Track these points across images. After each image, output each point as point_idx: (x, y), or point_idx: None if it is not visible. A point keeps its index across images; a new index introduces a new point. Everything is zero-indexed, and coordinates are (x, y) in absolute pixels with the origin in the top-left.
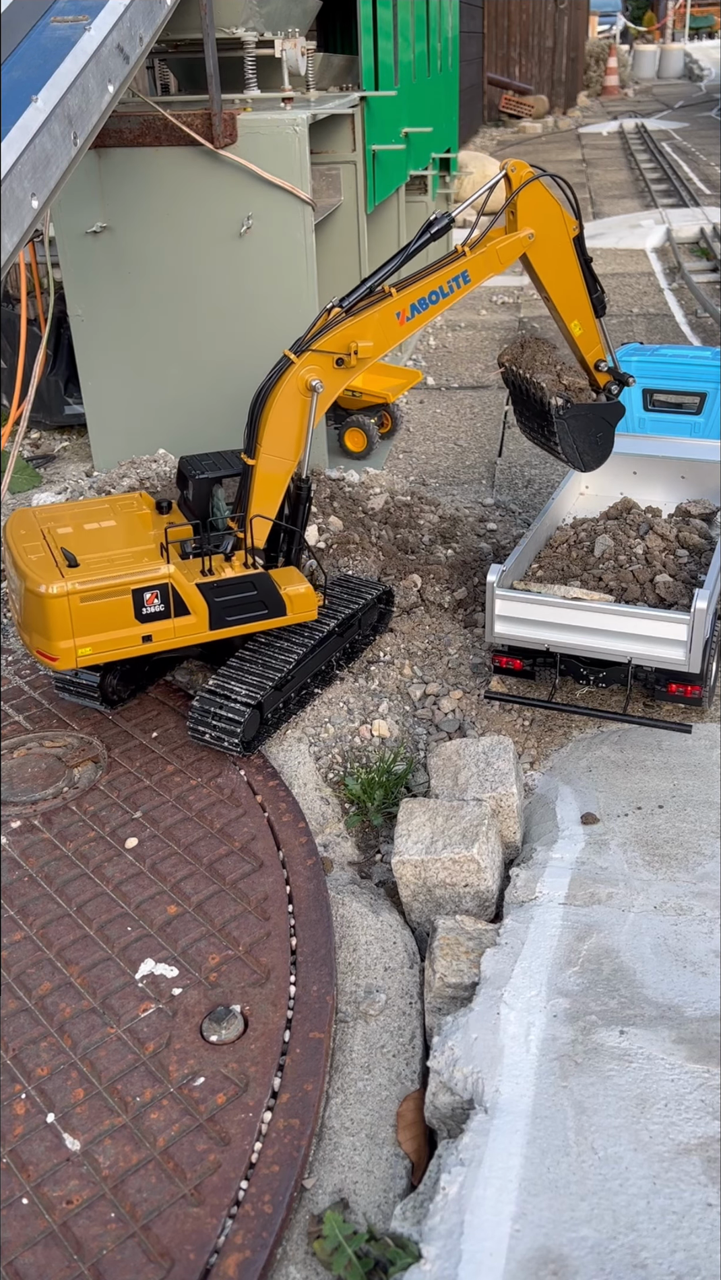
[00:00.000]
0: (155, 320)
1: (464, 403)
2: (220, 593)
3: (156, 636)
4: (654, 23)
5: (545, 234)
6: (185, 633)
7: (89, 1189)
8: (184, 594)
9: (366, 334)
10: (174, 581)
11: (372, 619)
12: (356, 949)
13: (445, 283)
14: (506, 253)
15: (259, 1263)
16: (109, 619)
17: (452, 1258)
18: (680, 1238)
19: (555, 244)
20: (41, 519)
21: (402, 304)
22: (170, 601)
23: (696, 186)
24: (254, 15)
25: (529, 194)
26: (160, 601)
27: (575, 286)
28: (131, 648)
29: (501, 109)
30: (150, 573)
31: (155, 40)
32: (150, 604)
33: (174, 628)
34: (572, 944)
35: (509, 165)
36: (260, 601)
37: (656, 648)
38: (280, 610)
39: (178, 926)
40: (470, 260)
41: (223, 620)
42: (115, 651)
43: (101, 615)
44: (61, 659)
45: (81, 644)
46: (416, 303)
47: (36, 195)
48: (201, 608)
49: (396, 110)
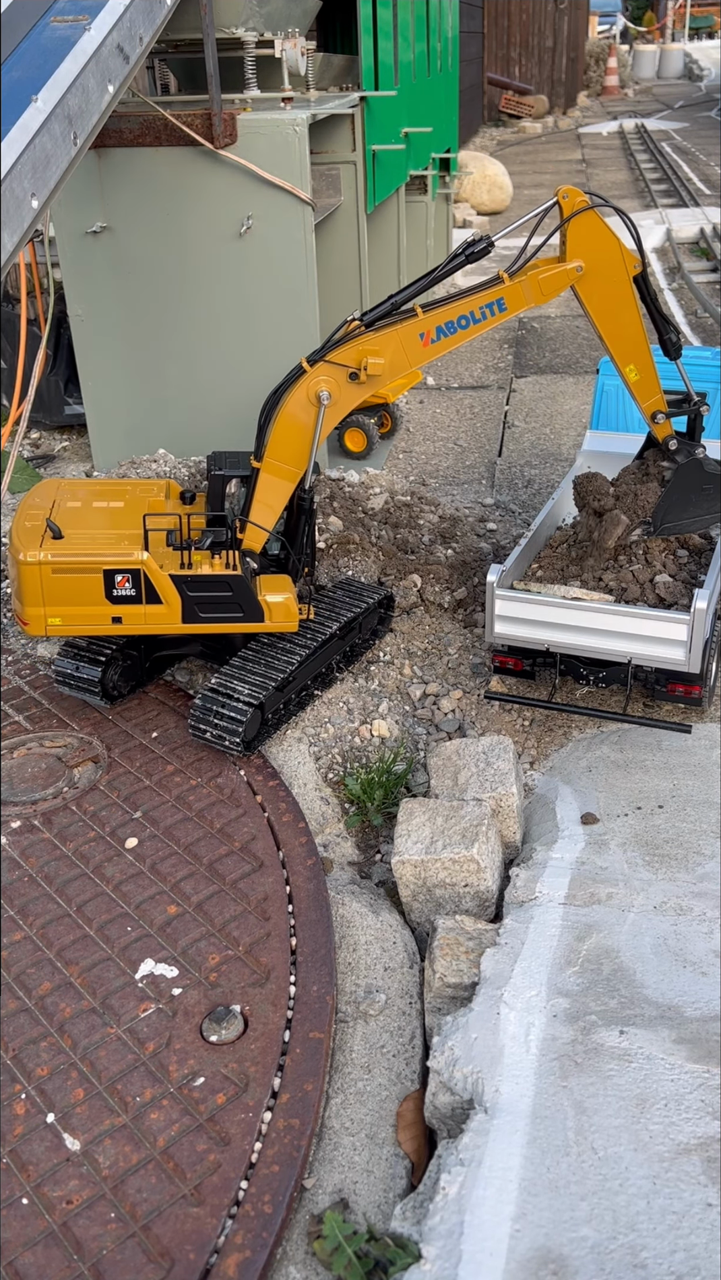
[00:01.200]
0: (155, 320)
1: (464, 403)
2: (194, 587)
3: (126, 619)
4: (654, 23)
5: (597, 268)
6: (156, 620)
7: (89, 1189)
8: (156, 582)
9: (383, 351)
10: (146, 569)
11: (373, 623)
12: (356, 949)
13: (477, 308)
14: (550, 284)
15: (259, 1263)
16: (79, 594)
17: (452, 1258)
18: (680, 1238)
19: (609, 280)
20: (62, 490)
21: (428, 325)
22: (142, 587)
23: (696, 186)
24: (254, 15)
25: (581, 224)
26: (131, 586)
27: (631, 328)
28: (100, 625)
29: (501, 109)
30: (122, 556)
31: (155, 40)
32: (121, 586)
33: (145, 614)
34: (572, 944)
35: (561, 192)
36: (235, 603)
37: (656, 648)
38: (257, 616)
39: (178, 926)
40: (508, 288)
41: (195, 615)
42: (83, 626)
43: (72, 589)
44: (32, 624)
45: (51, 613)
46: (444, 325)
47: (36, 195)
48: (174, 599)
49: (396, 110)
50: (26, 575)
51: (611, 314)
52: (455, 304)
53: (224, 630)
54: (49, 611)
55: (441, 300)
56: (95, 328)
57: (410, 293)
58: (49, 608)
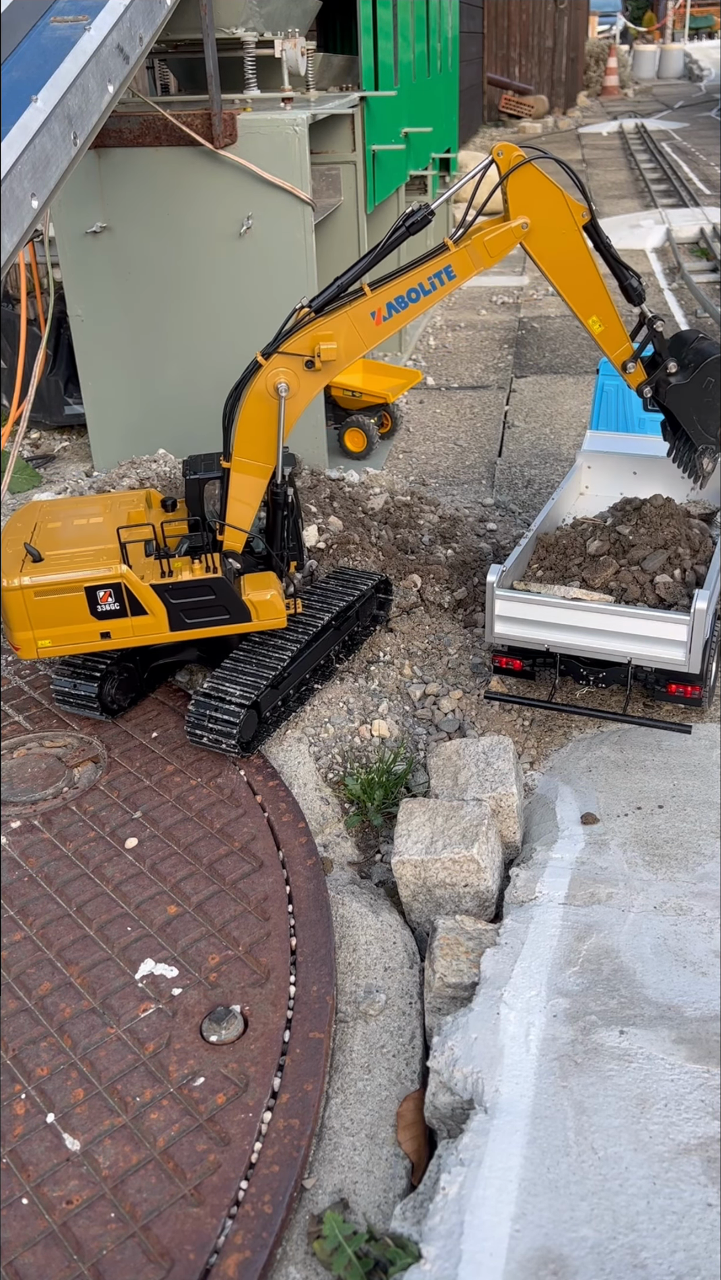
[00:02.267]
0: (155, 320)
1: (464, 403)
2: (177, 595)
3: (115, 634)
4: (654, 23)
5: (543, 223)
6: (144, 632)
7: (89, 1189)
8: (138, 594)
9: (335, 335)
10: (127, 581)
11: (371, 609)
12: (356, 949)
13: (426, 279)
14: (496, 245)
15: (259, 1263)
16: (64, 614)
17: (452, 1258)
18: (680, 1238)
19: (557, 233)
20: (42, 513)
21: (378, 303)
22: (125, 601)
23: (696, 186)
24: (254, 15)
25: (520, 179)
26: (114, 600)
27: (587, 279)
28: (90, 643)
29: (501, 109)
30: (101, 572)
31: (155, 40)
32: (105, 602)
33: (132, 626)
34: (572, 944)
35: (496, 149)
36: (220, 606)
37: (656, 648)
38: (244, 616)
39: (178, 926)
40: (454, 254)
41: (182, 622)
42: (74, 645)
43: (57, 610)
44: (23, 649)
45: (40, 636)
46: (394, 301)
47: (36, 195)
48: (159, 608)
49: (396, 110)
50: (10, 602)
51: (565, 267)
52: (403, 278)
53: (213, 634)
54: (37, 635)
55: (389, 276)
56: (95, 328)
57: (355, 272)
58: (37, 631)
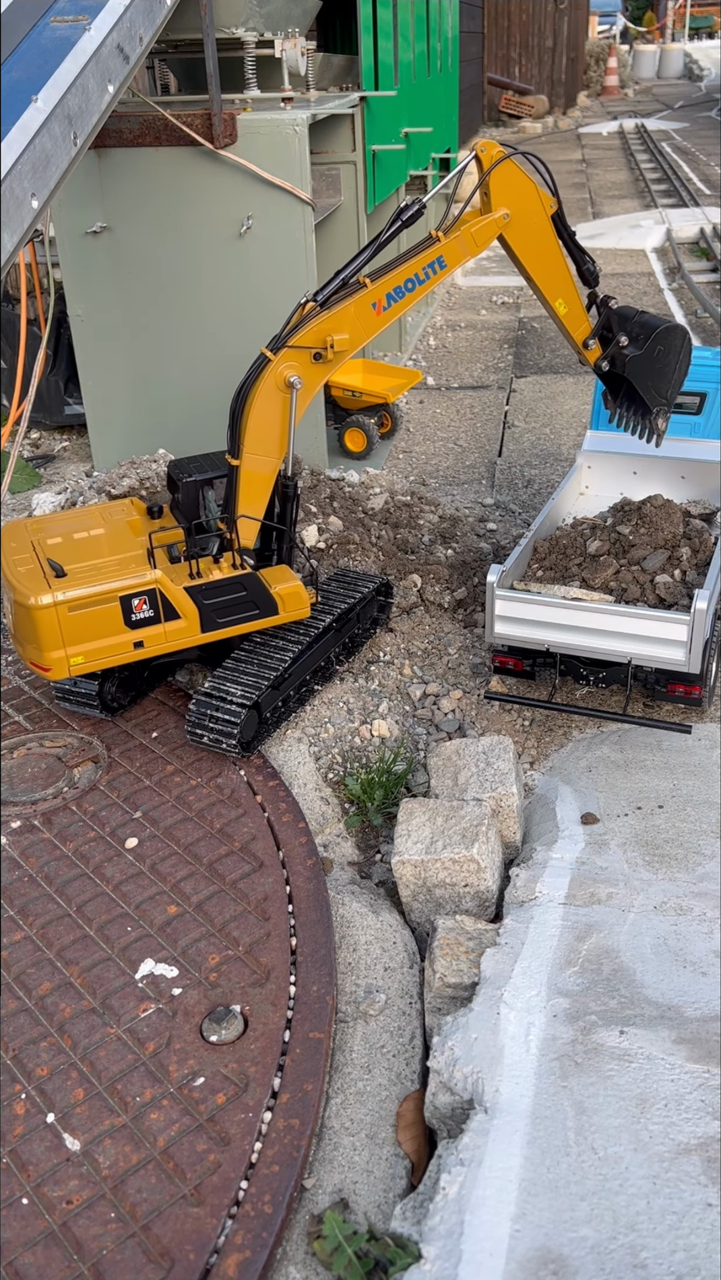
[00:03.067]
0: (155, 320)
1: (464, 403)
2: (209, 595)
3: (148, 642)
4: (654, 23)
5: (521, 213)
6: (177, 637)
7: (89, 1189)
8: (172, 598)
9: (343, 327)
10: (161, 586)
11: (372, 612)
12: (356, 949)
13: (420, 269)
14: (481, 235)
15: (259, 1263)
16: (99, 627)
17: (452, 1258)
18: (680, 1238)
19: (532, 223)
20: (32, 530)
21: (378, 294)
22: (159, 606)
23: (696, 186)
24: (254, 15)
25: (501, 173)
26: (149, 607)
27: (556, 265)
28: (124, 654)
29: (501, 109)
30: (136, 579)
31: (155, 40)
32: (139, 610)
33: (165, 632)
34: (572, 944)
35: (478, 145)
36: (251, 602)
37: (656, 648)
38: (272, 610)
39: (178, 926)
40: (444, 245)
41: (214, 623)
42: (108, 659)
43: (91, 624)
44: (55, 669)
45: (73, 653)
46: (392, 291)
47: (36, 195)
48: (191, 611)
49: (396, 110)
50: (42, 620)
51: (537, 254)
52: (399, 269)
53: (242, 631)
54: (70, 652)
55: (386, 268)
56: (95, 328)
57: (356, 265)
58: (70, 648)
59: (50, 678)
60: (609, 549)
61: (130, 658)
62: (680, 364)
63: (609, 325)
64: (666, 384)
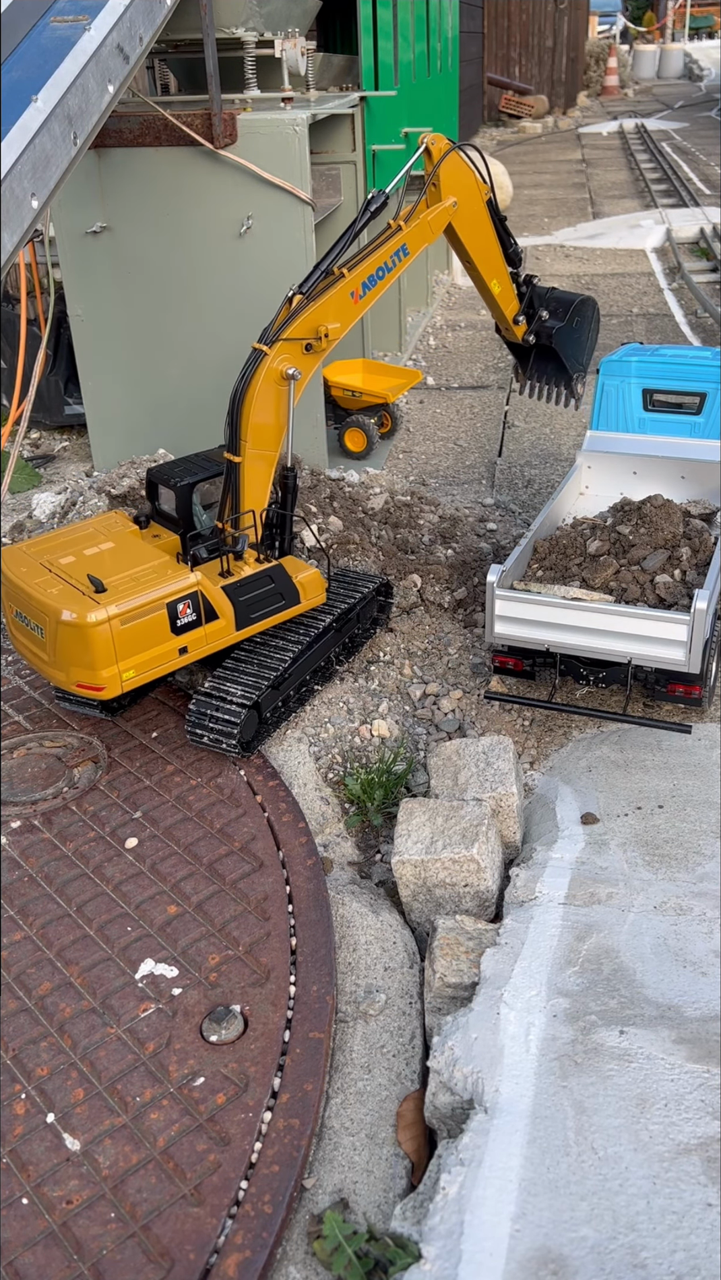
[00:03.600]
0: (155, 320)
1: (464, 403)
2: (242, 591)
3: (191, 646)
4: (654, 23)
5: (465, 201)
6: (215, 637)
7: (89, 1189)
8: (212, 599)
9: (329, 316)
10: (202, 588)
11: (372, 612)
12: (356, 949)
13: (388, 258)
14: (436, 222)
15: (259, 1263)
16: (147, 637)
17: (452, 1258)
18: (680, 1238)
19: (474, 209)
20: (35, 553)
21: (355, 283)
22: (201, 609)
23: (696, 186)
24: (254, 15)
25: (449, 165)
26: (192, 610)
27: (492, 248)
28: (170, 662)
29: (501, 109)
30: (180, 583)
31: (155, 40)
32: (184, 614)
33: (205, 634)
34: (572, 944)
35: (428, 140)
36: (279, 593)
37: (656, 648)
38: (295, 599)
39: (178, 926)
40: (406, 234)
41: (247, 619)
42: (156, 669)
43: (141, 635)
44: (109, 686)
45: (125, 668)
46: (367, 280)
47: (36, 195)
48: (228, 609)
49: (396, 110)
50: (96, 637)
51: (478, 238)
52: (370, 259)
53: (270, 624)
54: (122, 667)
55: (358, 258)
56: (95, 328)
57: (334, 255)
58: (122, 663)
59: (103, 697)
60: (609, 549)
61: (176, 664)
62: (593, 333)
63: (531, 303)
64: (583, 351)
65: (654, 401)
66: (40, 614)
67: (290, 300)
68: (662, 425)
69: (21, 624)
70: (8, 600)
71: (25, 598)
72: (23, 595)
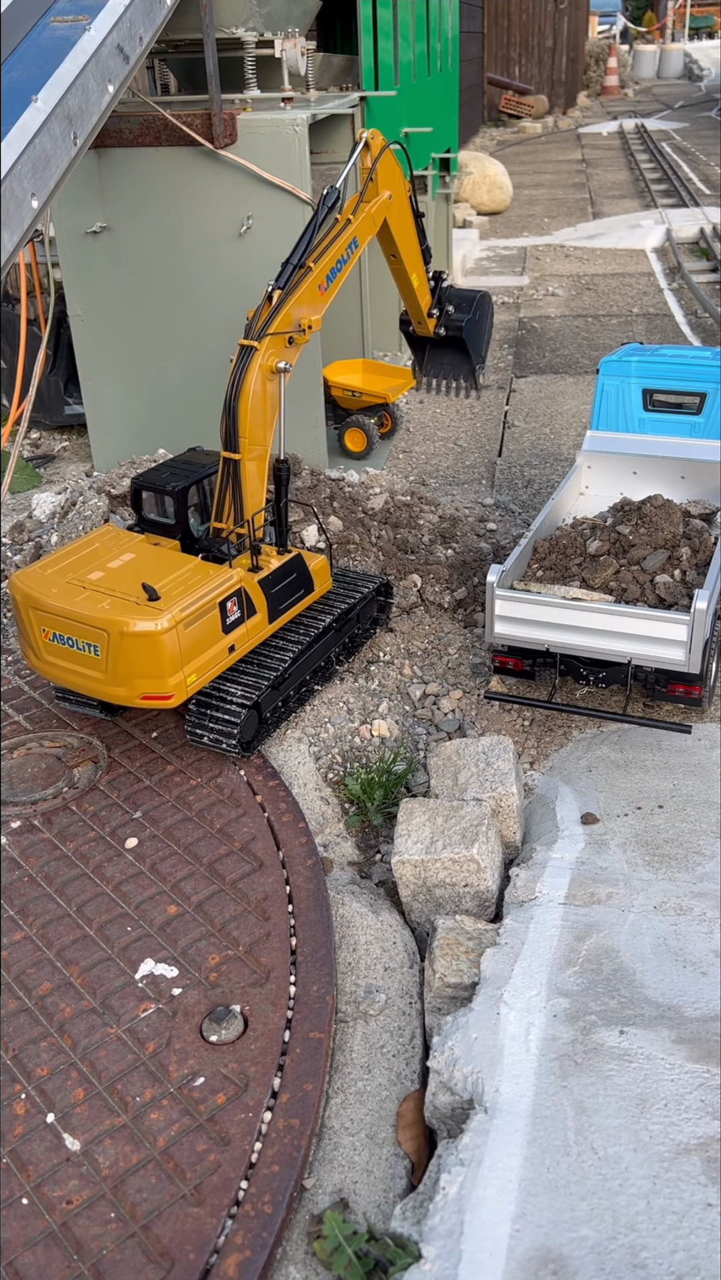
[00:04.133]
0: (155, 320)
1: (464, 403)
2: (272, 584)
3: (237, 644)
4: (654, 23)
5: (397, 196)
6: (254, 632)
7: (89, 1189)
8: (252, 593)
9: (304, 308)
10: (245, 584)
11: (372, 612)
12: (356, 949)
13: (344, 249)
14: (377, 215)
15: (259, 1263)
16: (204, 639)
17: (452, 1258)
18: (680, 1238)
19: (403, 205)
20: (56, 574)
21: (320, 276)
22: (244, 605)
23: (696, 186)
24: (254, 15)
25: (385, 161)
26: (238, 607)
27: (414, 241)
28: (222, 662)
29: (501, 109)
30: (227, 581)
31: (155, 40)
32: (231, 612)
33: (247, 631)
34: (572, 944)
35: (368, 135)
36: (300, 583)
37: (656, 648)
38: (311, 587)
39: (178, 926)
40: (355, 227)
41: (277, 610)
42: (211, 670)
43: (198, 638)
44: (177, 693)
45: (188, 672)
46: (329, 272)
47: (36, 195)
48: (263, 603)
49: (396, 110)
50: (165, 644)
51: (405, 232)
52: (329, 253)
53: (292, 615)
54: (186, 671)
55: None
56: (95, 328)
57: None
58: (186, 666)
59: (171, 705)
60: (609, 549)
61: (227, 664)
62: (490, 326)
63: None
64: (483, 344)
65: (654, 401)
66: (94, 632)
67: (270, 297)
68: (662, 425)
69: (63, 647)
70: (37, 626)
71: (70, 618)
72: (65, 616)
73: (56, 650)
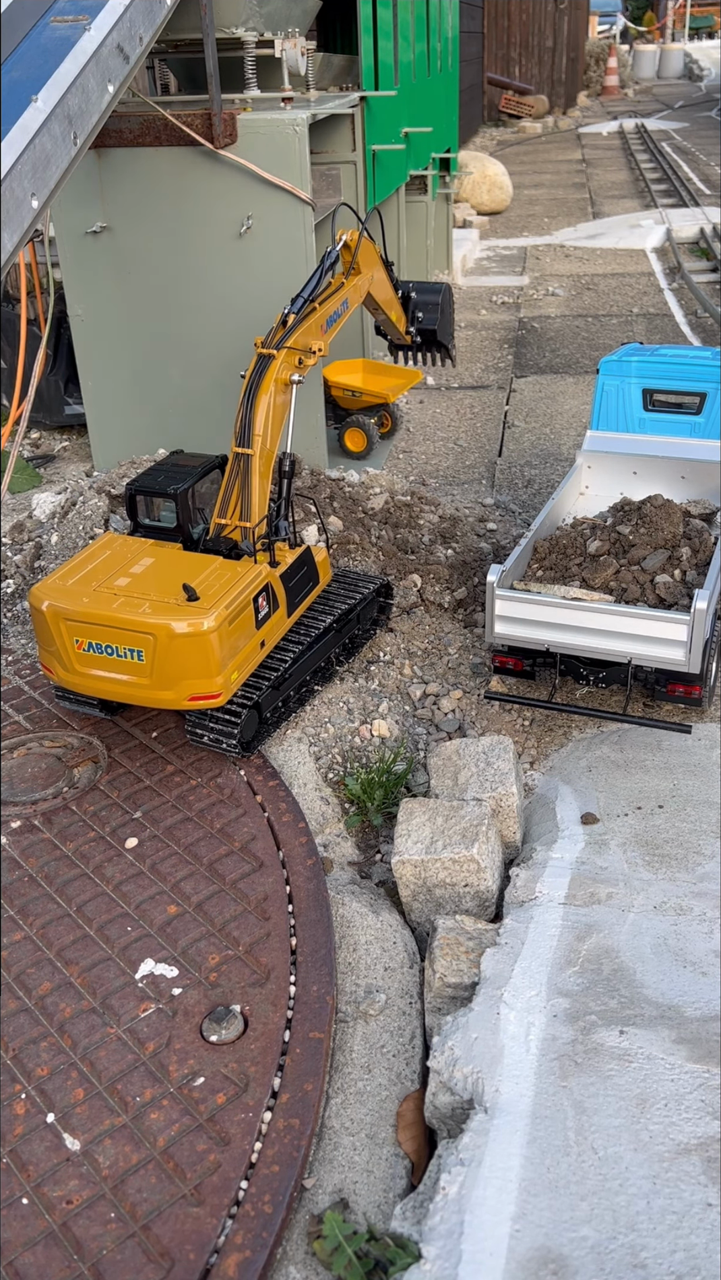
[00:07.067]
0: (155, 320)
1: (464, 403)
2: (289, 578)
3: (267, 639)
4: (654, 23)
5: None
6: (278, 626)
7: (89, 1189)
8: (276, 588)
9: (311, 337)
10: (271, 579)
11: (372, 612)
12: (356, 949)
13: (339, 304)
14: (361, 288)
15: (259, 1263)
16: (240, 636)
17: (452, 1258)
18: (680, 1238)
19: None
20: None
21: (322, 318)
22: (271, 600)
23: (696, 186)
24: (254, 15)
25: (363, 251)
26: (267, 602)
27: (392, 295)
28: (256, 658)
29: (501, 109)
30: (256, 576)
31: (155, 40)
32: (262, 608)
33: (272, 625)
34: (572, 944)
35: (347, 236)
36: (311, 576)
37: (656, 648)
38: (317, 579)
39: (178, 926)
40: (346, 290)
41: (293, 604)
42: (248, 665)
43: (236, 634)
44: (224, 692)
45: (230, 669)
46: (329, 318)
47: (36, 195)
48: (283, 597)
49: (396, 110)
50: (213, 643)
51: (383, 290)
52: (327, 304)
53: (304, 607)
54: (228, 669)
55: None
56: (95, 328)
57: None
58: (227, 664)
59: (218, 704)
60: (609, 549)
61: (260, 659)
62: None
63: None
64: (451, 329)
65: (654, 401)
66: (139, 637)
67: (285, 320)
68: (662, 425)
69: (101, 656)
70: (70, 637)
71: (108, 625)
72: (106, 624)
73: (92, 660)
